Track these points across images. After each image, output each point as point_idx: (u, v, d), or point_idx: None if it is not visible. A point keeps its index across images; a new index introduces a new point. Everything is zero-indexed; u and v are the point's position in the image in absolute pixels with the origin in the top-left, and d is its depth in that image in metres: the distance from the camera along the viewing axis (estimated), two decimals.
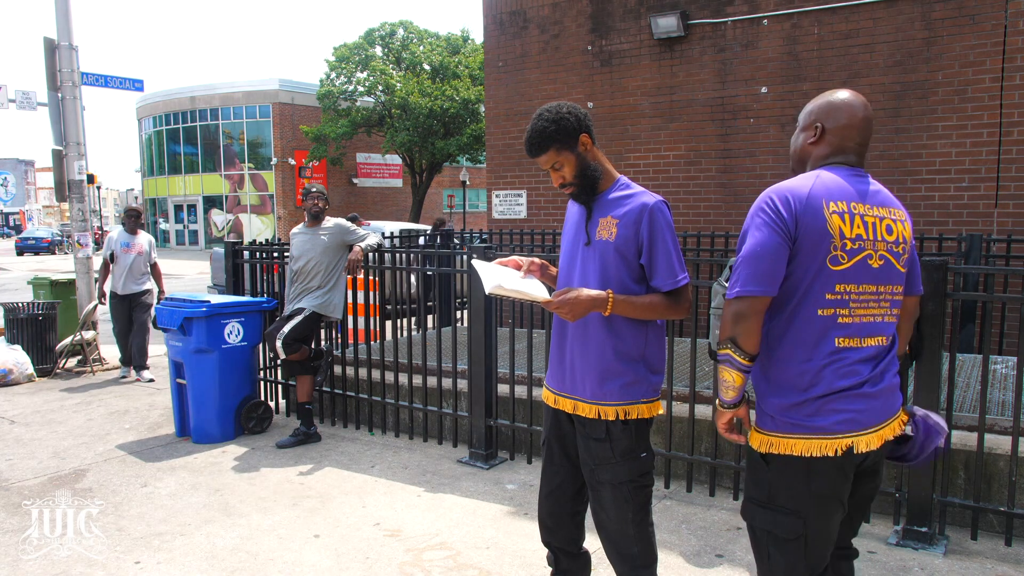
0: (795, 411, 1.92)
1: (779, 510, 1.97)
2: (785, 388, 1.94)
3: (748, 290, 1.87)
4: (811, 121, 2.04)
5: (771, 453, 1.96)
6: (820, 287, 1.89)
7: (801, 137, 2.07)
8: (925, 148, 6.63)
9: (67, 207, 9.98)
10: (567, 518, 2.52)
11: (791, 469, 1.94)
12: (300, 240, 5.12)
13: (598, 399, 2.33)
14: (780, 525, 1.97)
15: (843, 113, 1.99)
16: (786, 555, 1.98)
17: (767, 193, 1.92)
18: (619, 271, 2.30)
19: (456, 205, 37.50)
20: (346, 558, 3.38)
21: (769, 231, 1.87)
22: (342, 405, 5.53)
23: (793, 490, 1.95)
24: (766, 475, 1.99)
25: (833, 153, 2.00)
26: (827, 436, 1.90)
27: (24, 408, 6.12)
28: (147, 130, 38.24)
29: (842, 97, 2.01)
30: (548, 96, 8.50)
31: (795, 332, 1.92)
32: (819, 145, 2.01)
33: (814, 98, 2.08)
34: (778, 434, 1.95)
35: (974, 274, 5.57)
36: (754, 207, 1.93)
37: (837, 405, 1.90)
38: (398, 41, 30.81)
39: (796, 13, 7.10)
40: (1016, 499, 3.42)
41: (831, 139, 1.99)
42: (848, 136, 1.98)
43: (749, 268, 1.88)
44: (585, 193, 2.35)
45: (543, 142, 2.29)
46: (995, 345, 5.79)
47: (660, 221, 2.26)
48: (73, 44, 8.17)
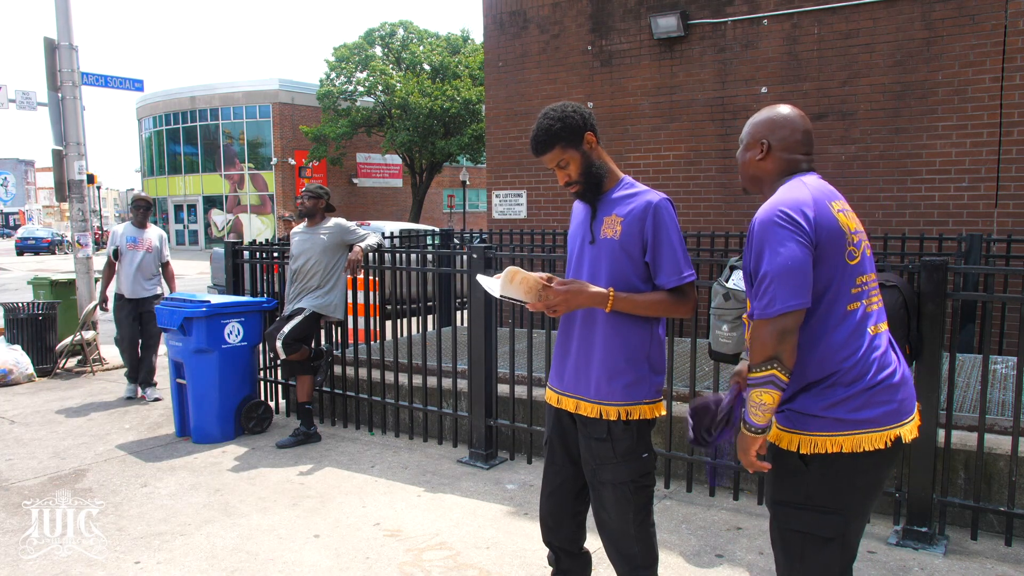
0: (840, 407, 1.91)
1: (819, 510, 1.94)
2: (828, 387, 1.92)
3: (790, 305, 1.84)
4: (756, 139, 2.08)
5: (814, 454, 1.93)
6: (845, 284, 1.93)
7: (748, 155, 2.10)
8: (925, 148, 6.63)
9: (67, 207, 9.98)
10: (568, 518, 2.52)
11: (836, 467, 1.93)
12: (300, 239, 5.12)
13: (601, 398, 2.34)
14: (819, 525, 1.95)
15: (785, 128, 2.04)
16: (823, 555, 1.96)
17: (774, 208, 1.90)
18: (625, 269, 2.31)
19: (456, 205, 37.50)
20: (346, 558, 3.38)
21: (795, 243, 1.86)
22: (342, 405, 5.53)
23: (836, 489, 1.94)
24: (804, 476, 1.96)
25: (785, 166, 2.04)
26: (876, 429, 1.91)
27: (24, 408, 6.12)
28: (147, 130, 38.24)
29: (783, 113, 2.07)
30: (548, 96, 8.50)
31: (831, 331, 1.92)
32: (768, 160, 2.05)
33: (755, 115, 2.12)
34: (823, 433, 1.92)
35: (974, 274, 5.56)
36: (763, 223, 1.90)
37: (882, 396, 1.92)
38: (398, 41, 30.82)
39: (796, 13, 7.10)
40: (1016, 499, 3.42)
41: (779, 154, 2.04)
42: (794, 149, 2.04)
43: (785, 283, 1.85)
44: (590, 192, 2.36)
45: (549, 140, 2.30)
46: (995, 345, 5.78)
47: (664, 218, 2.27)
48: (73, 44, 8.17)
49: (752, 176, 2.11)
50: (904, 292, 2.97)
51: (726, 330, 2.23)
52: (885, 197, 6.79)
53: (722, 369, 4.59)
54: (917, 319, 3.22)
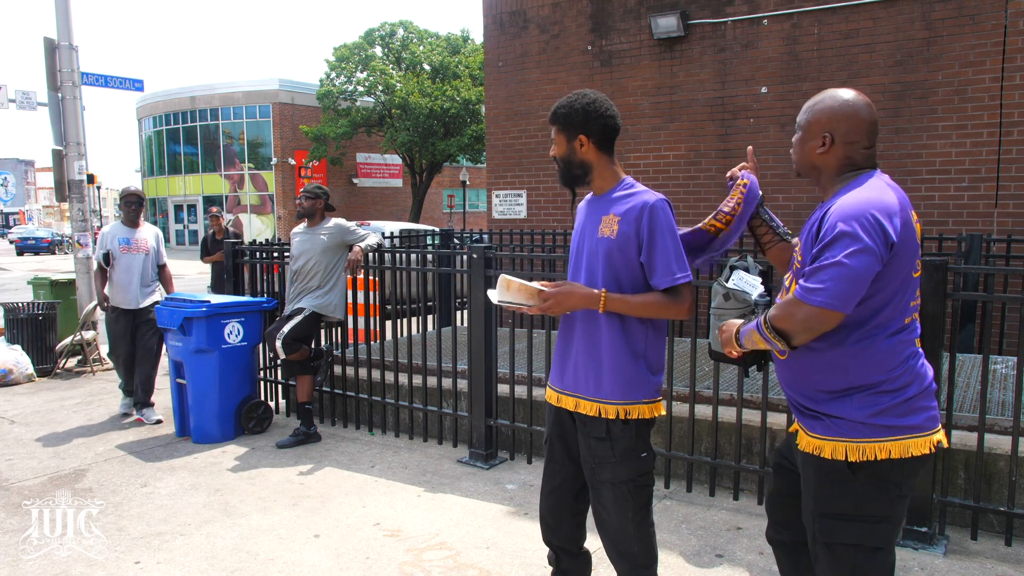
0: (888, 415, 1.91)
1: (869, 520, 1.93)
2: (875, 393, 1.92)
3: (835, 305, 1.81)
4: (817, 131, 1.99)
5: (862, 461, 1.91)
6: (908, 296, 1.93)
7: (809, 146, 2.02)
8: (925, 148, 6.63)
9: (67, 207, 9.98)
10: (568, 517, 2.53)
11: (882, 474, 1.92)
12: (300, 240, 5.12)
13: (600, 397, 2.34)
14: (872, 535, 1.93)
15: (850, 120, 1.95)
16: (876, 564, 1.95)
17: (867, 208, 1.82)
18: (620, 268, 2.32)
19: (456, 205, 37.50)
20: (346, 558, 3.38)
21: (871, 253, 1.79)
22: (342, 405, 5.53)
23: (884, 496, 1.93)
24: (851, 486, 1.94)
25: (848, 160, 1.97)
26: (922, 434, 1.92)
27: (24, 408, 6.12)
28: (147, 130, 38.24)
29: (846, 101, 1.97)
30: (548, 96, 8.50)
31: (886, 339, 1.90)
32: (830, 155, 1.98)
33: (816, 98, 2.02)
34: (871, 440, 1.91)
35: (974, 274, 5.57)
36: (850, 217, 1.82)
37: (924, 402, 1.95)
38: (398, 41, 30.82)
39: (796, 13, 7.10)
40: (1016, 499, 3.42)
41: (842, 148, 1.96)
42: (858, 141, 1.96)
43: (844, 285, 1.79)
44: (562, 179, 2.46)
45: (553, 115, 2.42)
46: (995, 345, 5.78)
47: (659, 219, 2.28)
48: (73, 44, 8.18)
49: (812, 166, 2.04)
50: None
51: None
52: None
53: (722, 369, 4.59)
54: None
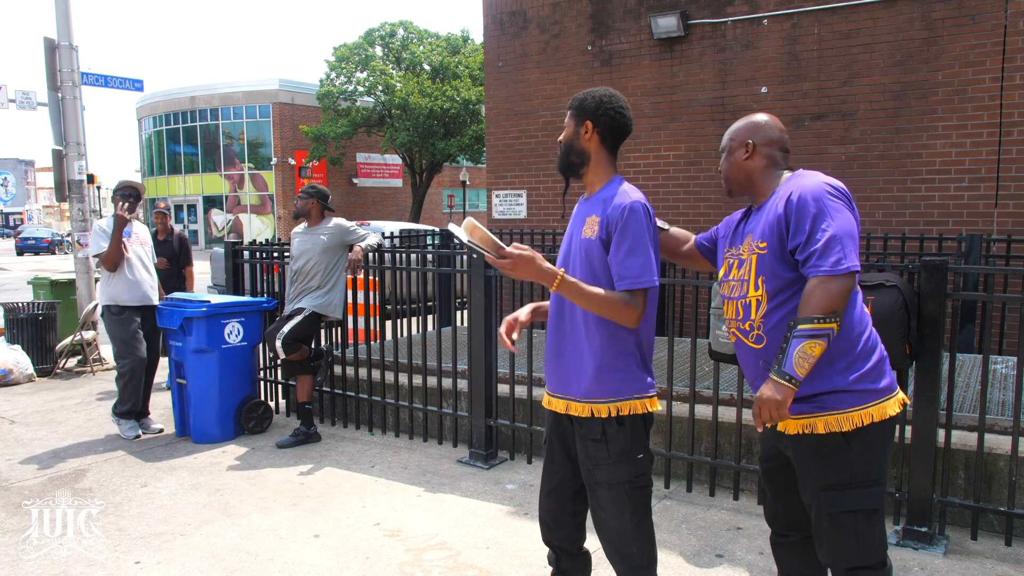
0: (866, 379, 2.05)
1: (864, 484, 2.06)
2: (856, 360, 2.06)
3: (856, 265, 1.96)
4: (740, 141, 2.27)
5: (853, 430, 2.04)
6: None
7: (734, 157, 2.28)
8: (925, 148, 6.62)
9: (67, 207, 9.98)
10: (567, 517, 2.52)
11: (870, 438, 2.06)
12: (300, 240, 5.12)
13: (589, 397, 2.33)
14: (869, 499, 2.07)
15: (764, 128, 2.26)
16: (874, 525, 2.08)
17: (821, 183, 2.05)
18: (599, 269, 2.31)
19: (456, 205, 37.50)
20: (346, 558, 3.38)
21: (851, 213, 2.02)
22: (342, 405, 5.53)
23: (875, 459, 2.07)
24: (846, 455, 2.06)
25: (770, 162, 2.24)
26: (892, 395, 2.09)
27: (24, 408, 6.12)
28: (147, 130, 38.21)
29: (759, 117, 2.30)
30: (548, 96, 8.50)
31: (853, 307, 2.06)
32: (754, 159, 2.24)
33: (732, 125, 2.33)
34: (856, 408, 2.04)
35: (974, 274, 5.57)
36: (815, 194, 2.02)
37: (885, 365, 2.12)
38: (398, 41, 30.79)
39: (796, 13, 7.10)
40: (1016, 499, 3.42)
41: (763, 151, 2.24)
42: (775, 146, 2.24)
43: (851, 245, 1.97)
44: (560, 163, 2.48)
45: (571, 101, 2.47)
46: (995, 345, 5.78)
47: (631, 221, 2.24)
48: (73, 44, 8.18)
49: (741, 177, 2.27)
50: (904, 292, 2.96)
51: (726, 330, 2.23)
52: (885, 197, 6.79)
53: (722, 369, 4.59)
54: (917, 319, 3.22)
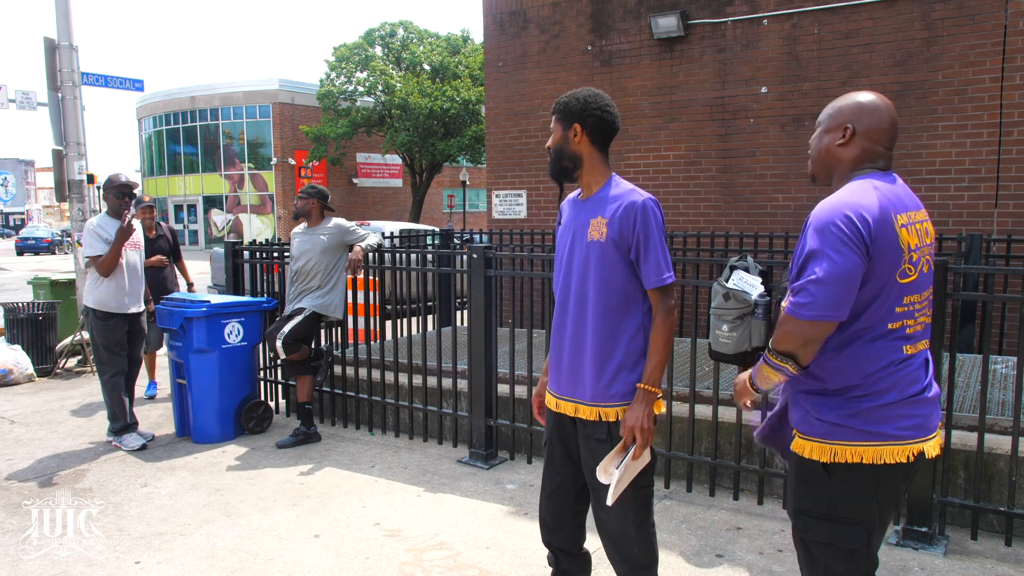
0: (863, 418, 1.89)
1: (841, 521, 1.93)
2: (853, 397, 1.90)
3: (825, 315, 1.78)
4: (839, 122, 1.97)
5: (835, 463, 1.91)
6: (892, 302, 1.87)
7: (827, 138, 2.00)
8: (925, 148, 6.62)
9: (67, 207, 9.98)
10: (568, 518, 2.52)
11: (857, 478, 1.91)
12: (300, 240, 5.12)
13: (598, 401, 2.34)
14: (843, 536, 1.93)
15: (873, 115, 1.94)
16: (847, 566, 1.95)
17: (838, 209, 1.81)
18: (613, 271, 2.32)
19: (456, 205, 37.49)
20: (346, 558, 3.38)
21: (850, 253, 1.78)
22: (342, 405, 5.53)
23: (859, 499, 1.92)
24: (827, 486, 1.94)
25: (864, 156, 1.95)
26: (898, 442, 1.89)
27: (24, 408, 6.12)
28: (147, 130, 38.23)
29: (871, 99, 1.97)
30: (548, 96, 8.50)
31: (865, 345, 1.88)
32: (848, 147, 1.95)
33: (837, 98, 2.03)
34: (844, 443, 1.90)
35: (974, 274, 5.56)
36: (824, 221, 1.81)
37: (908, 411, 1.90)
38: (398, 41, 30.80)
39: (796, 13, 7.10)
40: (1016, 499, 3.42)
41: (861, 142, 1.94)
42: (878, 139, 1.94)
43: (830, 292, 1.77)
44: (552, 170, 2.46)
45: (555, 106, 2.46)
46: (995, 345, 5.78)
47: (651, 220, 2.29)
48: (73, 44, 8.17)
49: (826, 163, 2.01)
50: None
51: (726, 330, 2.22)
52: None
53: (722, 369, 4.59)
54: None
